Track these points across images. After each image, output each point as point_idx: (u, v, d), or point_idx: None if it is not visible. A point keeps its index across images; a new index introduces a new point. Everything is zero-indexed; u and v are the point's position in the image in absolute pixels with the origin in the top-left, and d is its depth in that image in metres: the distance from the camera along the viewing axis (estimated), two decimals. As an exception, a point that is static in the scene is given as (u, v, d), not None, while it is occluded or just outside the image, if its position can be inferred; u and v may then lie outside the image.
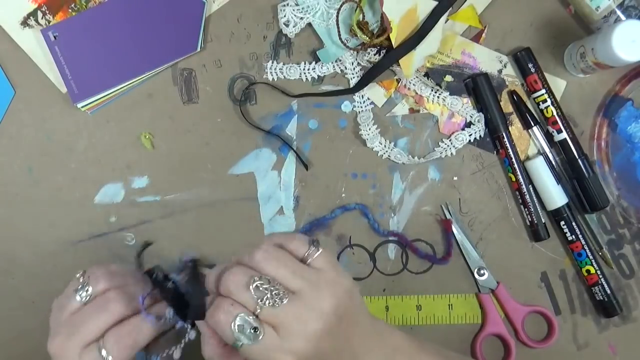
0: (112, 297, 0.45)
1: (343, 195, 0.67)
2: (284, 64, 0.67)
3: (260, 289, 0.41)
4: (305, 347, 0.41)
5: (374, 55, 0.66)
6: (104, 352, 0.43)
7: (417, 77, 0.67)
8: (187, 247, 0.49)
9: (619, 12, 0.63)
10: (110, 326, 0.44)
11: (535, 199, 0.66)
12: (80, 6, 0.65)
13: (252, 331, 0.41)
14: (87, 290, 0.45)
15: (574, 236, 0.66)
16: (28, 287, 0.65)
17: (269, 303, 0.41)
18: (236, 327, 0.41)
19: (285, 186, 0.66)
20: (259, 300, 0.41)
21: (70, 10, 0.65)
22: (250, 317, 0.41)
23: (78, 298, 0.46)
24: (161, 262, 0.47)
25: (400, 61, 0.63)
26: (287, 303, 0.42)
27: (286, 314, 0.42)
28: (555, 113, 0.66)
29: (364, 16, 0.65)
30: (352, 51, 0.66)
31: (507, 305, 0.66)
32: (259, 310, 0.41)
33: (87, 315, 0.45)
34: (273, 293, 0.41)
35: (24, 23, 0.65)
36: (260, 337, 0.41)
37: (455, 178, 0.67)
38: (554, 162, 0.67)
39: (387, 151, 0.66)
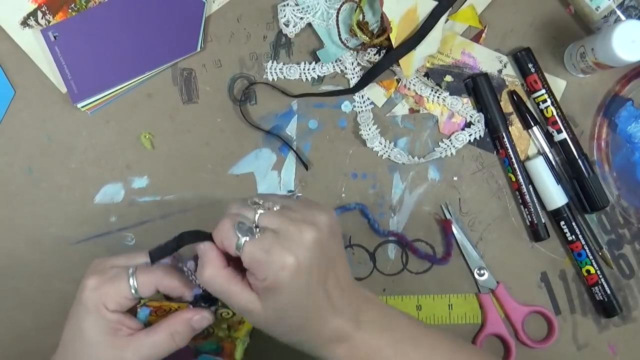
0: None
1: (343, 195, 0.67)
2: (284, 64, 0.67)
3: (259, 202, 0.46)
4: (303, 253, 0.44)
5: (374, 55, 0.66)
6: (132, 281, 0.47)
7: (417, 77, 0.67)
8: (187, 248, 0.49)
9: (619, 12, 0.63)
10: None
11: (535, 199, 0.66)
12: (80, 6, 0.65)
13: (254, 228, 0.44)
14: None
15: (574, 236, 0.66)
16: (28, 287, 0.65)
17: (268, 208, 0.45)
18: (238, 226, 0.44)
19: (285, 186, 0.66)
20: (258, 210, 0.45)
21: (70, 10, 0.65)
22: (251, 223, 0.45)
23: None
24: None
25: (400, 61, 0.63)
26: (283, 213, 0.45)
27: (283, 221, 0.45)
28: (555, 113, 0.66)
29: (364, 16, 0.65)
30: (352, 51, 0.66)
31: (507, 305, 0.66)
32: (257, 215, 0.45)
33: (138, 251, 0.49)
34: (269, 204, 0.46)
35: (24, 23, 0.65)
36: (261, 234, 0.44)
37: (455, 178, 0.67)
38: (554, 162, 0.67)
39: (387, 151, 0.66)
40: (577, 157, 0.66)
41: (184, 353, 0.52)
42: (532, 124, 0.67)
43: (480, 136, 0.67)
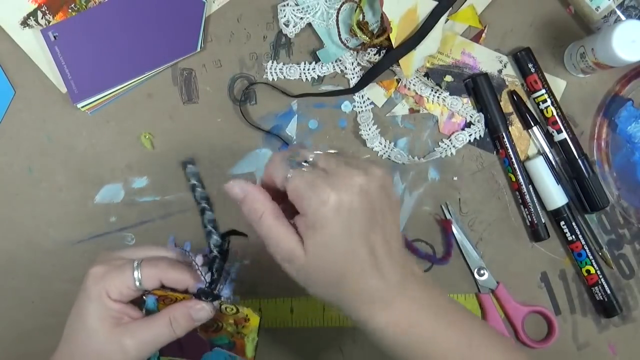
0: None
1: (343, 195, 0.67)
2: (284, 64, 0.67)
3: (317, 149, 0.47)
4: (348, 195, 0.43)
5: (374, 55, 0.66)
6: (136, 273, 0.47)
7: (417, 77, 0.67)
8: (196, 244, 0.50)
9: (619, 12, 0.63)
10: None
11: (535, 199, 0.66)
12: (80, 6, 0.65)
13: (304, 162, 0.45)
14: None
15: (574, 236, 0.66)
16: (28, 287, 0.65)
17: (321, 153, 0.46)
18: (289, 160, 0.45)
19: (285, 186, 0.66)
20: (315, 151, 0.46)
21: (70, 10, 0.65)
22: (303, 159, 0.45)
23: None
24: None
25: (400, 61, 0.63)
26: (338, 157, 0.46)
27: (335, 163, 0.45)
28: (555, 113, 0.66)
29: (364, 16, 0.65)
30: (352, 51, 0.66)
31: (507, 305, 0.66)
32: (312, 155, 0.46)
33: (145, 245, 0.51)
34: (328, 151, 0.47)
35: (24, 23, 0.65)
36: (310, 169, 0.45)
37: (455, 178, 0.67)
38: (554, 162, 0.67)
39: (387, 151, 0.66)
40: (577, 157, 0.66)
41: (199, 344, 0.53)
42: (532, 124, 0.67)
43: (480, 136, 0.67)
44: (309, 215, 0.43)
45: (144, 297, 0.49)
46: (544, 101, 0.66)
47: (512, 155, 0.66)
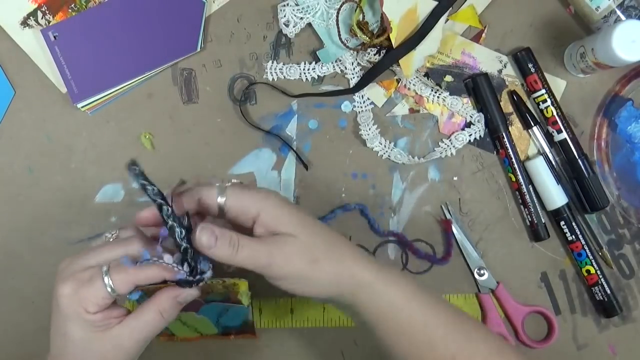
0: (133, 239, 0.48)
1: (343, 195, 0.67)
2: (284, 64, 0.67)
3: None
4: (277, 194, 0.49)
5: (374, 55, 0.66)
6: (107, 280, 0.45)
7: (417, 77, 0.67)
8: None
9: (619, 12, 0.63)
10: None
11: (535, 199, 0.66)
12: (80, 6, 0.65)
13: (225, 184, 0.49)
14: (113, 234, 0.51)
15: (574, 236, 0.66)
16: (28, 287, 0.65)
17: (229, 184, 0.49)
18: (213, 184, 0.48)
19: (285, 186, 0.66)
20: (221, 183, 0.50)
21: (70, 10, 0.65)
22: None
23: (104, 237, 0.51)
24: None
25: (400, 61, 0.63)
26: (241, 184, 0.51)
27: (244, 185, 0.50)
28: (555, 113, 0.66)
29: (364, 16, 0.65)
30: (352, 51, 0.66)
31: (507, 305, 0.66)
32: (219, 183, 0.49)
33: (106, 245, 0.48)
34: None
35: (24, 23, 0.65)
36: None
37: (455, 178, 0.67)
38: (554, 162, 0.67)
39: (387, 151, 0.66)
40: (577, 157, 0.66)
41: (193, 302, 0.52)
42: (532, 124, 0.67)
43: (480, 136, 0.67)
44: (262, 213, 0.47)
45: (129, 297, 0.48)
46: (544, 101, 0.66)
47: (512, 155, 0.66)
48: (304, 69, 0.66)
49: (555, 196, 0.66)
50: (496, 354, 0.50)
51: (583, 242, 0.66)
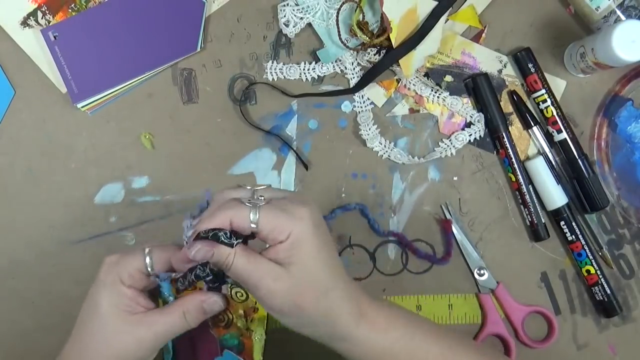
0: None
1: (343, 195, 0.67)
2: (284, 64, 0.67)
3: (242, 184, 0.49)
4: (312, 208, 0.47)
5: (374, 55, 0.66)
6: (147, 258, 0.49)
7: (417, 77, 0.67)
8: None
9: (619, 12, 0.63)
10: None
11: (535, 199, 0.66)
12: (80, 6, 0.65)
13: (257, 198, 0.47)
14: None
15: (574, 236, 0.66)
16: (28, 288, 0.65)
17: (259, 189, 0.48)
18: (241, 202, 0.46)
19: (285, 186, 0.66)
20: (247, 187, 0.49)
21: (70, 10, 0.65)
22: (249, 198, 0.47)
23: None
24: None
25: (400, 61, 0.63)
26: (273, 188, 0.50)
27: (280, 192, 0.49)
28: (555, 113, 0.66)
29: (364, 16, 0.65)
30: (352, 51, 0.66)
31: (507, 305, 0.66)
32: (254, 191, 0.48)
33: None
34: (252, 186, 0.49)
35: (24, 23, 0.65)
36: (267, 202, 0.47)
37: (455, 178, 0.67)
38: (554, 162, 0.67)
39: (387, 151, 0.66)
40: (577, 157, 0.66)
41: (211, 345, 0.55)
42: (532, 124, 0.67)
43: (480, 136, 0.67)
44: (292, 233, 0.45)
45: (159, 282, 0.50)
46: (544, 101, 0.66)
47: (512, 155, 0.66)
48: (304, 69, 0.66)
49: (555, 196, 0.66)
50: None
51: (583, 242, 0.66)
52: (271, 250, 0.46)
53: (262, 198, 0.47)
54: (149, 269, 0.48)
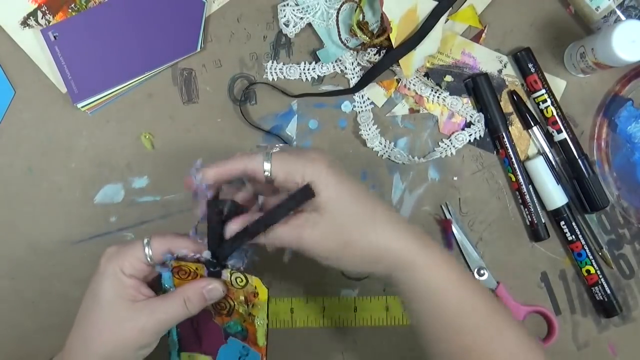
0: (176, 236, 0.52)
1: (343, 195, 0.67)
2: (284, 64, 0.67)
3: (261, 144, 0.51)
4: (326, 156, 0.48)
5: (374, 55, 0.66)
6: (147, 248, 0.50)
7: (417, 77, 0.67)
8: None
9: (619, 12, 0.63)
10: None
11: (535, 199, 0.66)
12: (80, 6, 0.65)
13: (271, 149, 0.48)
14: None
15: (574, 236, 0.66)
16: (28, 288, 0.65)
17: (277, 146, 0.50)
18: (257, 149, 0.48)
19: (285, 186, 0.66)
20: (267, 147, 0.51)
21: (70, 10, 0.65)
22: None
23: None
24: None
25: (400, 61, 0.63)
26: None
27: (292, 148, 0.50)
28: (555, 113, 0.66)
29: (364, 16, 0.65)
30: (352, 51, 0.66)
31: (507, 305, 0.66)
32: (268, 147, 0.51)
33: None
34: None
35: (24, 23, 0.65)
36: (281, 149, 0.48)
37: (455, 178, 0.67)
38: (554, 162, 0.67)
39: (387, 151, 0.66)
40: (577, 157, 0.66)
41: (215, 334, 0.55)
42: (532, 124, 0.67)
43: (480, 136, 0.67)
44: (306, 175, 0.46)
45: (160, 271, 0.51)
46: (544, 101, 0.66)
47: (512, 155, 0.66)
48: (304, 69, 0.66)
49: (555, 196, 0.66)
50: (524, 352, 0.49)
51: (583, 242, 0.66)
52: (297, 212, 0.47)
53: (277, 147, 0.48)
54: (148, 259, 0.49)
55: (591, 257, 0.66)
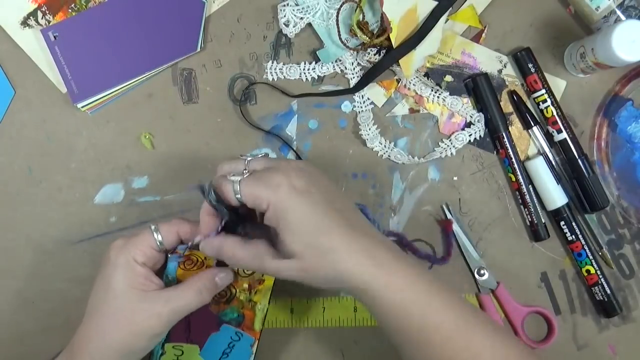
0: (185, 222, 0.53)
1: (343, 195, 0.67)
2: (284, 64, 0.67)
3: (244, 156, 0.52)
4: (295, 175, 0.47)
5: (374, 55, 0.66)
6: (155, 234, 0.51)
7: (417, 77, 0.67)
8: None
9: (619, 12, 0.63)
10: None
11: (535, 199, 0.66)
12: (80, 6, 0.65)
13: (244, 172, 0.49)
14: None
15: (574, 236, 0.66)
16: (28, 288, 0.65)
17: (250, 159, 0.51)
18: (231, 175, 0.49)
19: (285, 186, 0.66)
20: (246, 159, 0.50)
21: (70, 10, 0.65)
22: (241, 171, 0.50)
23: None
24: None
25: (400, 61, 0.63)
26: (268, 158, 0.52)
27: (268, 161, 0.50)
28: (555, 113, 0.66)
29: (364, 16, 0.65)
30: (352, 51, 0.66)
31: (507, 305, 0.66)
32: (246, 162, 0.50)
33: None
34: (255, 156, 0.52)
35: (24, 23, 0.65)
36: (249, 174, 0.49)
37: (455, 178, 0.67)
38: (554, 162, 0.67)
39: (387, 151, 0.66)
40: (577, 157, 0.66)
41: (207, 322, 0.56)
42: (532, 124, 0.67)
43: (480, 136, 0.67)
44: (270, 204, 0.46)
45: (170, 260, 0.51)
46: (544, 101, 0.66)
47: (512, 155, 0.66)
48: (304, 69, 0.67)
49: (555, 196, 0.66)
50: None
51: (583, 242, 0.66)
52: (266, 221, 0.48)
53: (246, 171, 0.49)
54: (159, 244, 0.51)
55: (591, 257, 0.66)
